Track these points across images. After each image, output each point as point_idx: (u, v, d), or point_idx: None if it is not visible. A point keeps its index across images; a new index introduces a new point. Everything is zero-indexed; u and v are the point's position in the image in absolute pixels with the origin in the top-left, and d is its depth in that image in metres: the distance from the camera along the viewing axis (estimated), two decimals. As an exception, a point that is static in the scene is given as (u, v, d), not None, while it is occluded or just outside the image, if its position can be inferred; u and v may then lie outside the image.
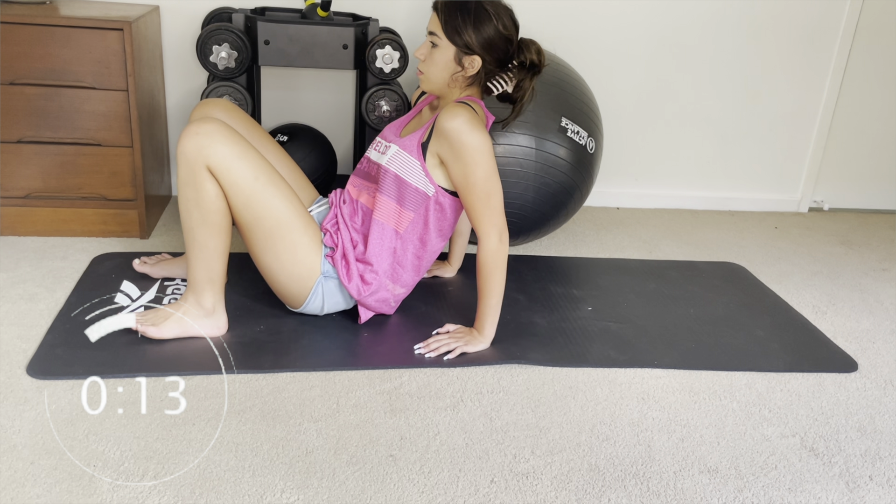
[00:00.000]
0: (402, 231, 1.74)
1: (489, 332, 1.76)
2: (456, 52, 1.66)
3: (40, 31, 2.01)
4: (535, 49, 1.70)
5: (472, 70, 1.68)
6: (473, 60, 1.67)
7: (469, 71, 1.68)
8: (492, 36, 1.65)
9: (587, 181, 2.27)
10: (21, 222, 2.18)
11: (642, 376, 1.74)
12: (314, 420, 1.49)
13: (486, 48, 1.65)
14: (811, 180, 3.06)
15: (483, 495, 1.32)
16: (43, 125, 2.10)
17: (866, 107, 2.98)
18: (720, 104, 2.89)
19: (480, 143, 1.63)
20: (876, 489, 1.43)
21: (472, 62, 1.67)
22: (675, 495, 1.37)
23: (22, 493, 1.24)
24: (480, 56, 1.66)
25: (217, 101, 1.82)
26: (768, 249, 2.63)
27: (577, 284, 2.18)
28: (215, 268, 1.67)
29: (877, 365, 1.89)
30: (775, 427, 1.59)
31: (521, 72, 1.71)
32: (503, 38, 1.66)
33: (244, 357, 1.66)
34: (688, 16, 2.73)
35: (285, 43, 2.17)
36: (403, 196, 1.72)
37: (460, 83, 1.71)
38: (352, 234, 1.76)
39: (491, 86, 1.73)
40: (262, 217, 1.64)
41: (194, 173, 1.58)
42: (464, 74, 1.69)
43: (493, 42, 1.65)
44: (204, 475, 1.31)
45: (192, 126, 1.58)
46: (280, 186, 1.66)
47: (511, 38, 1.68)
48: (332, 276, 1.74)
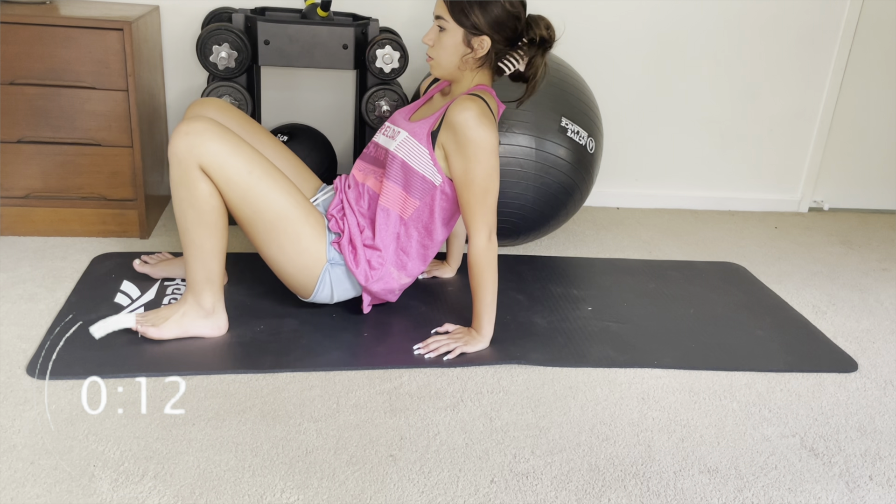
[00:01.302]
0: (406, 217, 1.74)
1: (487, 331, 1.76)
2: (464, 34, 1.65)
3: (40, 31, 2.01)
4: (545, 24, 1.68)
5: (482, 51, 1.66)
6: (482, 41, 1.65)
7: (479, 52, 1.66)
8: (499, 14, 1.63)
9: (587, 181, 2.27)
10: (21, 222, 2.18)
11: (642, 376, 1.74)
12: (314, 420, 1.48)
13: (494, 27, 1.64)
14: (811, 180, 3.06)
15: (483, 495, 1.32)
16: (43, 125, 2.10)
17: (866, 107, 2.98)
18: (720, 104, 2.89)
19: (485, 140, 1.62)
20: (876, 489, 1.43)
21: (481, 43, 1.65)
22: (675, 495, 1.37)
23: (22, 493, 1.24)
24: (489, 36, 1.64)
25: (210, 100, 1.82)
26: (768, 249, 2.63)
27: (577, 284, 2.18)
28: (213, 267, 1.67)
29: (877, 365, 1.89)
30: (775, 427, 1.59)
31: (531, 49, 1.68)
32: (511, 15, 1.64)
33: (244, 357, 1.66)
34: (688, 16, 2.73)
35: (285, 43, 2.17)
36: (410, 183, 1.71)
37: (471, 65, 1.69)
38: (358, 219, 1.75)
39: (502, 66, 1.71)
40: (261, 210, 1.64)
41: (187, 173, 1.57)
42: (474, 56, 1.67)
43: (500, 21, 1.63)
44: (204, 475, 1.31)
45: (181, 126, 1.57)
46: (276, 178, 1.65)
47: (519, 15, 1.65)
48: (339, 263, 1.74)
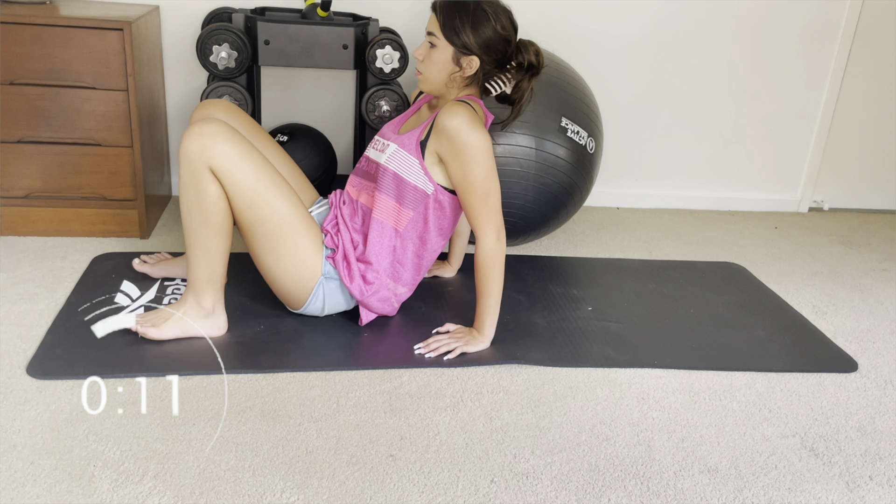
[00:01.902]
0: (401, 229, 1.74)
1: (489, 331, 1.76)
2: (454, 53, 1.66)
3: (40, 31, 2.01)
4: (534, 50, 1.70)
5: (471, 70, 1.68)
6: (472, 61, 1.67)
7: (467, 71, 1.68)
8: (490, 37, 1.65)
9: (587, 181, 2.27)
10: (21, 222, 2.18)
11: (642, 376, 1.74)
12: (314, 420, 1.48)
13: (484, 49, 1.66)
14: (811, 180, 3.06)
15: (483, 495, 1.32)
16: (43, 125, 2.10)
17: (866, 107, 2.98)
18: (720, 104, 2.88)
19: (480, 142, 1.63)
20: (876, 489, 1.43)
21: (470, 63, 1.67)
22: (675, 495, 1.37)
23: (22, 493, 1.24)
24: (479, 56, 1.66)
25: (218, 102, 1.82)
26: (768, 249, 2.63)
27: (577, 284, 2.18)
28: (216, 268, 1.67)
29: (877, 365, 1.89)
30: (775, 427, 1.59)
31: (519, 72, 1.71)
32: (501, 38, 1.66)
33: (244, 357, 1.66)
34: (688, 16, 2.73)
35: (285, 43, 2.17)
36: (402, 194, 1.72)
37: (458, 84, 1.71)
38: (352, 234, 1.76)
39: (489, 86, 1.73)
40: (265, 218, 1.64)
41: (196, 174, 1.58)
42: (462, 75, 1.69)
43: (491, 43, 1.65)
44: (204, 475, 1.31)
45: (194, 127, 1.57)
46: (282, 188, 1.66)
47: (509, 38, 1.68)
48: (334, 278, 1.74)
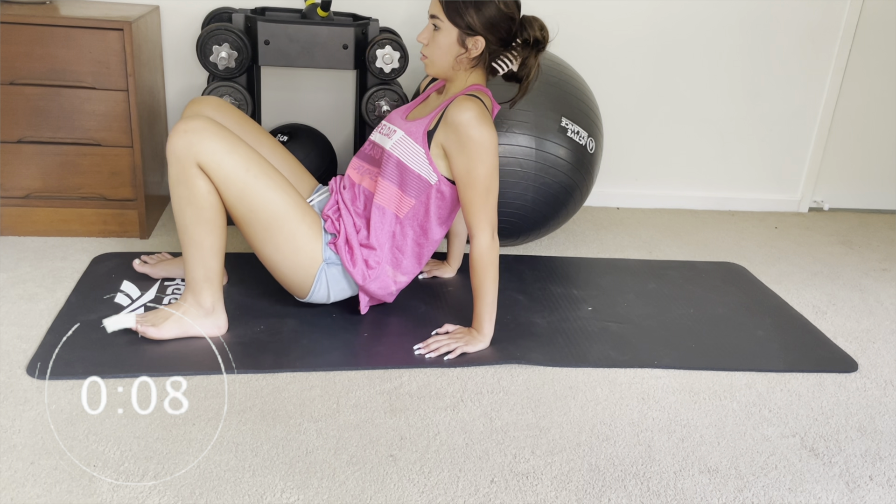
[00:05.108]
0: (402, 216, 1.74)
1: (488, 330, 1.76)
2: (459, 34, 1.65)
3: (40, 31, 2.01)
4: (539, 25, 1.69)
5: (476, 51, 1.67)
6: (477, 41, 1.66)
7: (473, 52, 1.67)
8: (494, 15, 1.64)
9: (587, 181, 2.27)
10: (21, 222, 2.18)
11: (642, 376, 1.74)
12: (314, 420, 1.48)
13: (488, 28, 1.65)
14: (811, 180, 3.06)
15: (483, 495, 1.32)
16: (43, 125, 2.09)
17: (866, 107, 2.98)
18: (720, 104, 2.88)
19: (487, 140, 1.63)
20: (876, 489, 1.43)
21: (475, 43, 1.66)
22: (675, 495, 1.37)
23: (22, 493, 1.24)
24: (483, 36, 1.65)
25: (208, 99, 1.82)
26: (768, 249, 2.63)
27: (577, 284, 2.18)
28: (212, 266, 1.67)
29: (877, 365, 1.89)
30: (775, 427, 1.59)
31: (525, 49, 1.70)
32: (505, 16, 1.65)
33: (244, 357, 1.66)
34: (688, 16, 2.72)
35: (285, 43, 2.17)
36: (405, 182, 1.72)
37: (465, 65, 1.70)
38: (354, 218, 1.76)
39: (496, 66, 1.72)
40: (258, 209, 1.64)
41: (185, 171, 1.58)
42: (468, 56, 1.68)
43: (495, 21, 1.64)
44: (204, 475, 1.31)
45: (179, 124, 1.58)
46: (273, 177, 1.66)
47: (513, 16, 1.67)
48: (335, 263, 1.74)
